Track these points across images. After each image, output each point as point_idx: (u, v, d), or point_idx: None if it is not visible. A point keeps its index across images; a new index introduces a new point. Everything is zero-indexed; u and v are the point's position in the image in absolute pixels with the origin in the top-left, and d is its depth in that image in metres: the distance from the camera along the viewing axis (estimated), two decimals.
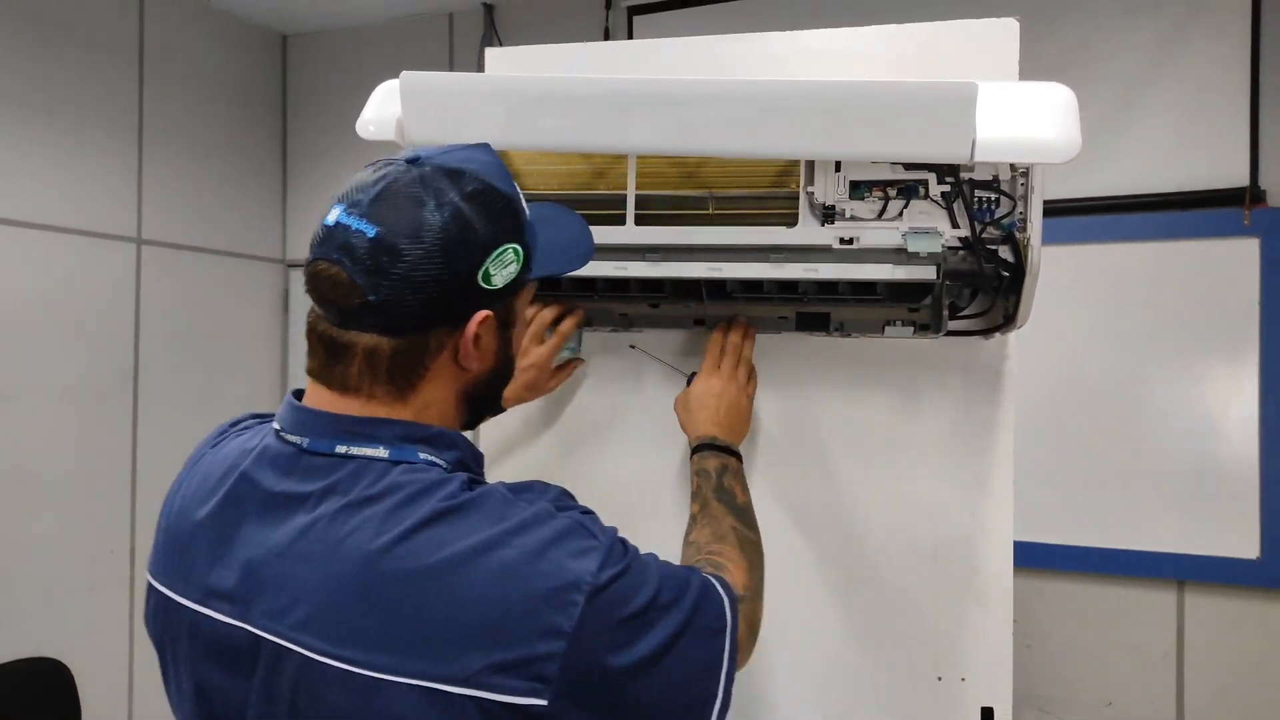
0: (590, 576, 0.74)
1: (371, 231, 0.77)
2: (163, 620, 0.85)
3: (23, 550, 2.61)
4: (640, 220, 1.20)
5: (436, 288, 0.78)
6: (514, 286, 0.84)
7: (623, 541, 0.81)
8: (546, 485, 0.84)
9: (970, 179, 1.13)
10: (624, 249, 1.20)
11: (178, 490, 0.88)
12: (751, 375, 1.31)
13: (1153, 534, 2.38)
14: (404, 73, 1.08)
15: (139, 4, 2.96)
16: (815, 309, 1.29)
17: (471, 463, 0.86)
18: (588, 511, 0.83)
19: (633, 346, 1.42)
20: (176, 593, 0.83)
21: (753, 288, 1.22)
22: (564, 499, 0.83)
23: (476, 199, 0.80)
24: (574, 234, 0.97)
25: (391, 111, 1.11)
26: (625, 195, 1.20)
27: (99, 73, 2.84)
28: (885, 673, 1.33)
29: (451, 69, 3.20)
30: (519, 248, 0.83)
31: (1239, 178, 2.34)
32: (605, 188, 1.23)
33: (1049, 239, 1.14)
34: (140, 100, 2.96)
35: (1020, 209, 1.13)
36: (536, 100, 1.06)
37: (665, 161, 1.21)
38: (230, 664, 0.78)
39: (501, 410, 0.98)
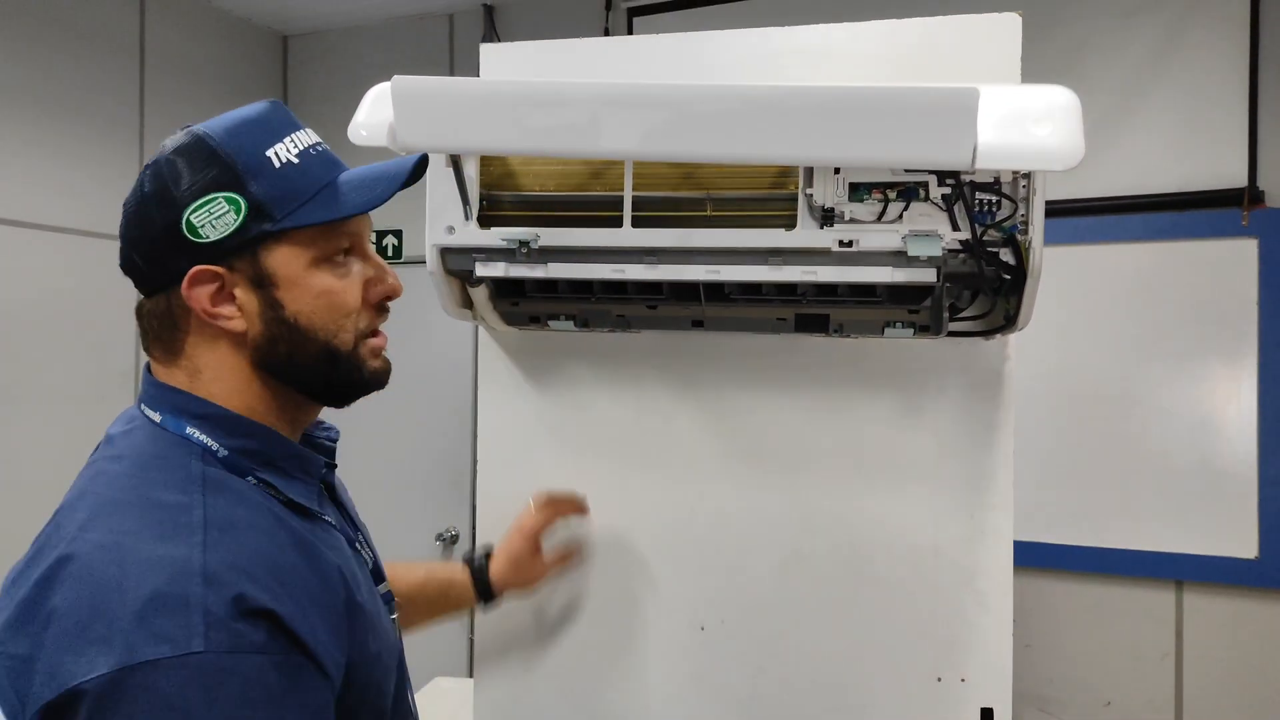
0: (126, 659, 0.63)
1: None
2: None
3: (23, 551, 2.60)
4: (638, 222, 1.19)
5: (145, 245, 0.79)
6: (245, 239, 0.78)
7: (240, 677, 0.65)
8: (277, 567, 0.72)
9: (971, 182, 1.13)
10: (621, 251, 1.20)
11: None
12: None
13: (1152, 534, 2.38)
14: (395, 77, 1.06)
15: (139, 4, 2.96)
16: (814, 310, 1.28)
17: (282, 460, 0.82)
18: (265, 612, 0.68)
19: None
20: None
21: (751, 290, 1.22)
22: (276, 574, 0.71)
23: (182, 152, 0.79)
24: (371, 188, 0.87)
25: (384, 116, 1.10)
26: (622, 197, 1.20)
27: (99, 73, 2.83)
28: (885, 673, 1.33)
29: (451, 69, 3.20)
30: (236, 197, 0.78)
31: (1238, 178, 2.34)
32: (602, 189, 1.22)
33: (1048, 239, 1.13)
34: (140, 100, 2.96)
35: (1022, 212, 1.12)
36: (530, 104, 1.05)
37: (663, 163, 1.20)
38: None
39: (368, 389, 0.87)
